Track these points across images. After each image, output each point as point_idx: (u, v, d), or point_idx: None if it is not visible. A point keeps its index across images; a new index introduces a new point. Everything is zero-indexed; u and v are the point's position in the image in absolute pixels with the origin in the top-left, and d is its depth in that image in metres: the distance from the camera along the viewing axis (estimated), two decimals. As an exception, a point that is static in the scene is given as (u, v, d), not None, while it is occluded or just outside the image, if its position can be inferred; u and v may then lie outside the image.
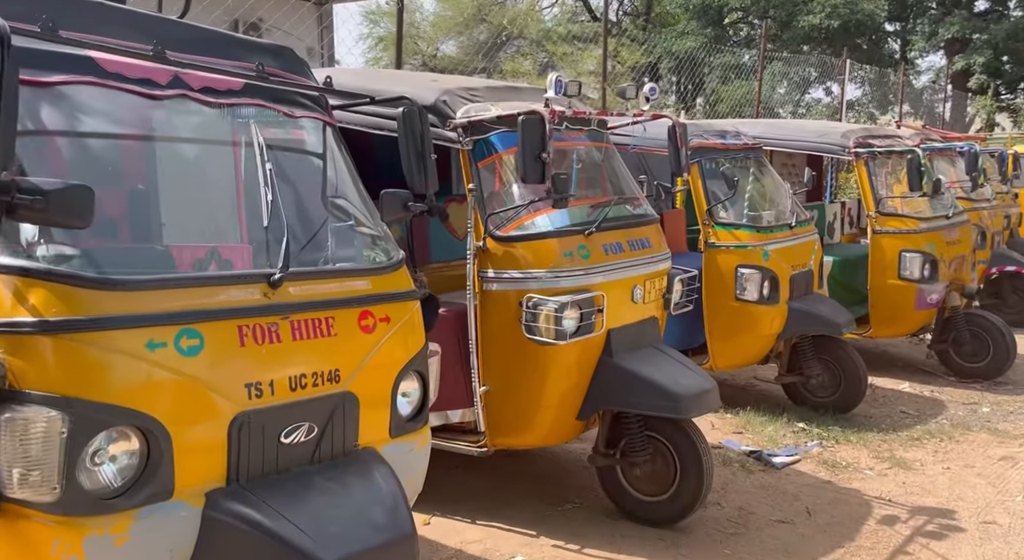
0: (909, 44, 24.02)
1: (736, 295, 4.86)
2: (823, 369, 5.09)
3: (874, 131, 6.33)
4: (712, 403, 3.36)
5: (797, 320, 4.95)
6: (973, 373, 5.93)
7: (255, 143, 2.06)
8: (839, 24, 21.39)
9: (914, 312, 5.83)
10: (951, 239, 6.00)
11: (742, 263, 4.85)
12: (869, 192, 5.91)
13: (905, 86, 22.88)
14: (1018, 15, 22.27)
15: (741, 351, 5.01)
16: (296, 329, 1.88)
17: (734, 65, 20.48)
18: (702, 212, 4.96)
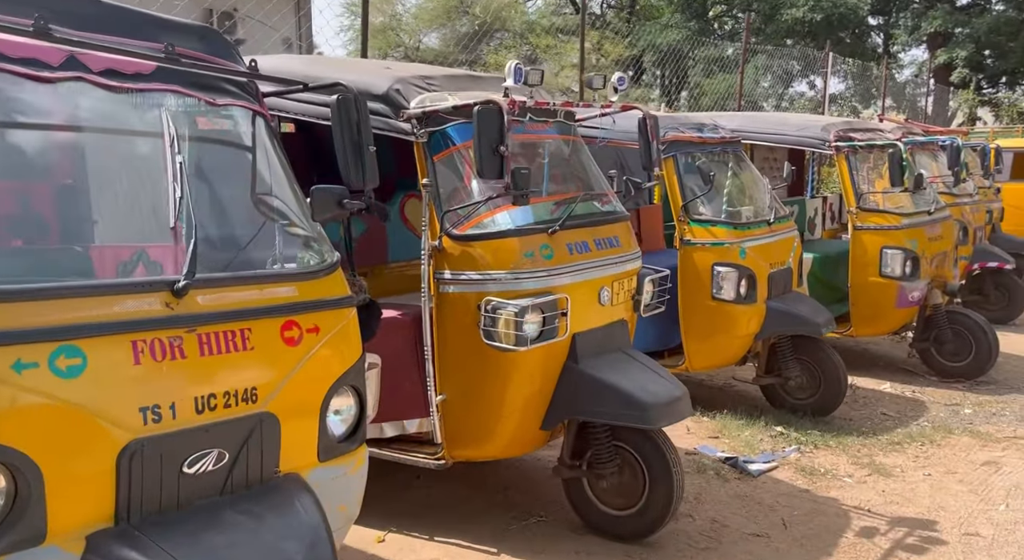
0: (892, 38, 24.02)
1: (712, 294, 4.69)
2: (802, 370, 4.93)
3: (855, 124, 6.17)
4: (682, 411, 3.18)
5: (775, 320, 4.79)
6: (955, 372, 5.81)
7: (166, 133, 1.83)
8: (822, 18, 21.33)
9: (895, 310, 5.70)
10: (933, 235, 5.86)
11: (718, 261, 4.68)
12: (850, 187, 5.75)
13: (888, 80, 22.90)
14: (1000, 9, 22.31)
15: (718, 352, 4.84)
16: (204, 343, 1.67)
17: (717, 58, 20.37)
18: (677, 208, 4.78)
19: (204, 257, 1.77)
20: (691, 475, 3.94)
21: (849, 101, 25.90)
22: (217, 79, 2.06)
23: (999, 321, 7.55)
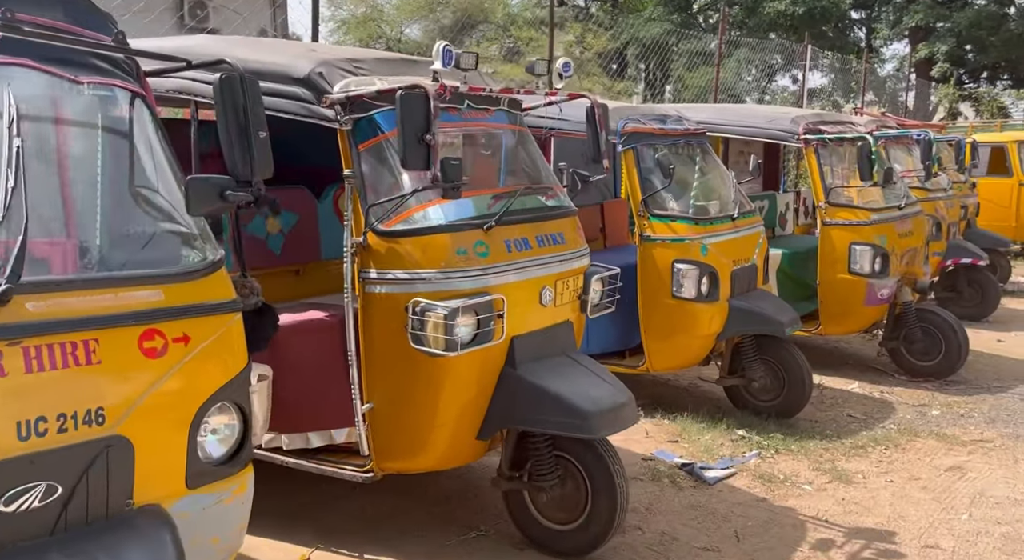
0: (874, 32, 23.96)
1: (672, 292, 4.49)
2: (766, 371, 4.75)
3: (826, 117, 5.99)
4: (627, 419, 2.98)
5: (738, 319, 4.60)
6: (925, 372, 5.66)
7: (4, 112, 1.59)
8: (804, 11, 21.21)
9: (864, 308, 5.53)
10: (903, 231, 5.70)
11: (679, 258, 4.48)
12: (819, 181, 5.57)
13: (869, 74, 22.85)
14: (981, 3, 22.30)
15: (679, 352, 4.66)
16: (33, 358, 1.43)
17: (700, 52, 20.21)
18: (636, 202, 4.58)
19: (50, 258, 1.53)
20: (645, 483, 3.76)
21: (831, 95, 25.86)
22: (86, 54, 1.82)
23: (972, 318, 7.43)
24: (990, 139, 11.52)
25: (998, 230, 11.14)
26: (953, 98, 22.11)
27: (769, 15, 21.86)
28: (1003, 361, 6.09)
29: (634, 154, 4.57)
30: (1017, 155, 10.91)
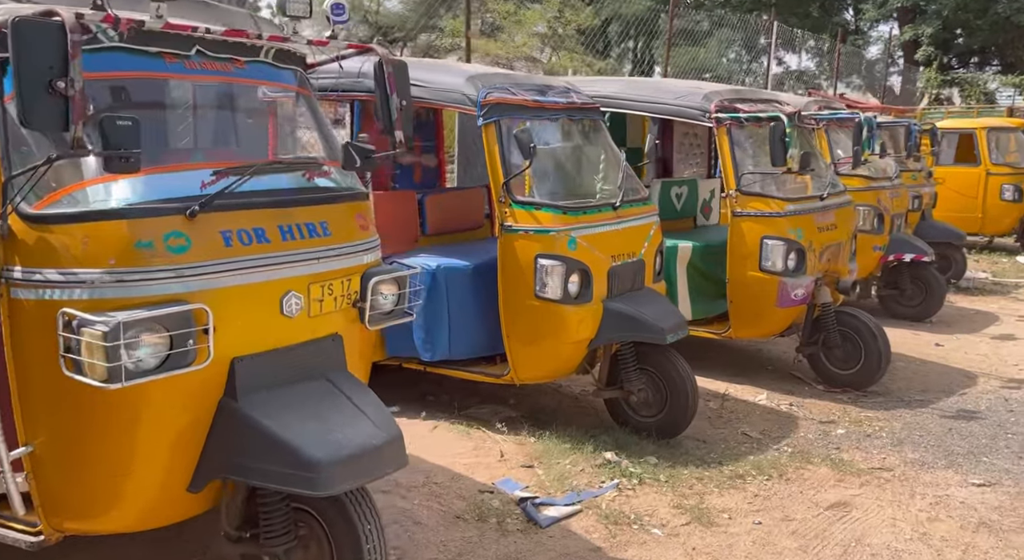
0: (860, 13, 23.10)
1: (535, 291, 3.84)
2: (646, 384, 4.11)
3: (746, 94, 5.28)
4: (381, 466, 2.30)
5: (613, 323, 3.95)
6: (844, 381, 5.02)
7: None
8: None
9: (776, 310, 4.87)
10: (824, 224, 5.03)
11: (543, 252, 3.81)
12: (730, 166, 4.89)
13: (856, 57, 22.02)
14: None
15: (546, 360, 4.00)
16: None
17: (683, 30, 19.39)
18: (497, 186, 3.89)
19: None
20: (467, 525, 3.12)
21: (815, 77, 25.07)
22: None
23: (915, 318, 6.82)
24: (958, 125, 10.82)
25: (964, 221, 10.49)
26: (935, 82, 21.33)
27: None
28: (935, 369, 5.46)
29: (496, 129, 3.88)
30: (986, 143, 10.23)
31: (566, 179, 4.15)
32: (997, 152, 10.26)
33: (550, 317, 3.84)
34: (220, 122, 2.52)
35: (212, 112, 2.51)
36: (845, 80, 24.95)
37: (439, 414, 4.26)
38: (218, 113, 2.50)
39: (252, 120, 2.56)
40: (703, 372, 5.23)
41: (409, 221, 4.44)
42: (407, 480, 3.42)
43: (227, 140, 2.48)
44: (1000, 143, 10.45)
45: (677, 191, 5.84)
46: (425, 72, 4.07)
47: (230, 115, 2.53)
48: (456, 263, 4.07)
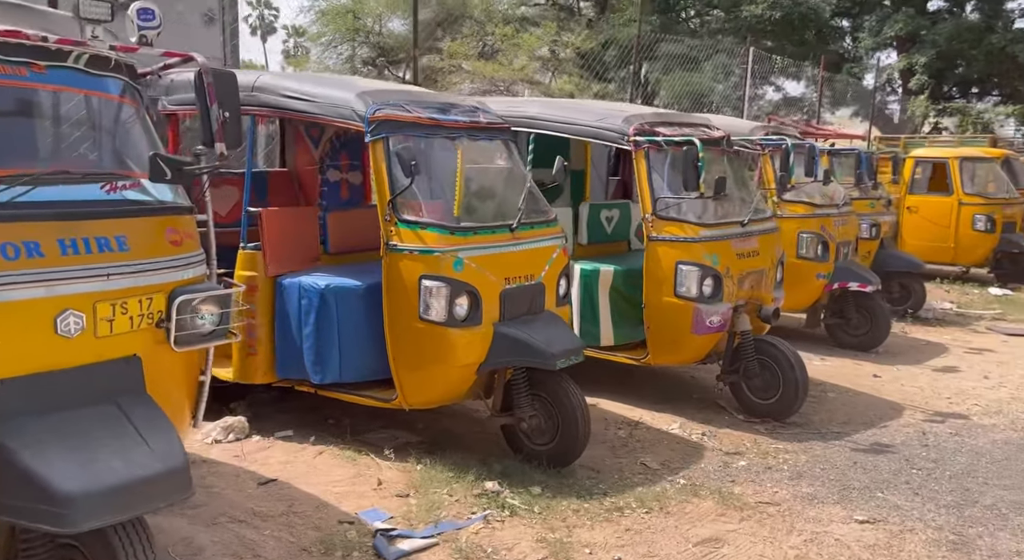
0: (857, 41, 23.04)
1: (420, 313, 3.74)
2: (540, 410, 3.99)
3: (671, 117, 5.19)
4: (150, 500, 2.15)
5: (502, 348, 3.83)
6: (764, 411, 4.86)
7: None
8: (781, 16, 20.36)
9: (692, 337, 4.74)
10: (744, 250, 4.91)
11: (427, 273, 3.72)
12: (647, 190, 4.79)
13: (853, 85, 21.94)
14: (968, 15, 21.34)
15: (433, 385, 3.89)
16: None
17: (678, 55, 19.47)
18: (383, 205, 3.82)
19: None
20: (311, 558, 3.00)
21: (811, 105, 25.01)
22: None
23: (862, 347, 6.64)
24: (931, 155, 10.69)
25: (937, 251, 10.33)
26: (926, 111, 21.20)
27: (747, 20, 21.04)
28: (865, 400, 5.28)
29: (384, 146, 3.81)
30: (958, 172, 10.07)
31: (460, 198, 4.06)
32: (971, 182, 10.10)
33: (435, 340, 3.73)
34: (10, 130, 2.44)
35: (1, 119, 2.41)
36: (842, 108, 24.89)
37: (331, 439, 4.15)
38: (9, 120, 2.42)
39: (50, 128, 2.49)
40: (627, 398, 5.12)
41: (309, 239, 4.36)
42: (267, 509, 3.31)
43: (18, 149, 2.40)
44: (975, 173, 10.30)
45: (608, 214, 5.75)
46: (316, 86, 4.02)
47: (24, 122, 2.45)
48: (347, 283, 3.99)
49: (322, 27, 29.52)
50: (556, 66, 27.66)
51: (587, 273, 5.10)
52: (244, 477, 3.61)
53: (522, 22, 27.14)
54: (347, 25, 29.52)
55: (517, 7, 29.16)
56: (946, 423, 4.78)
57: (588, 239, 5.58)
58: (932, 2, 22.32)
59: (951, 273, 10.71)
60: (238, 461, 3.79)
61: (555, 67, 27.62)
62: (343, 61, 31.11)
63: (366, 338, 3.96)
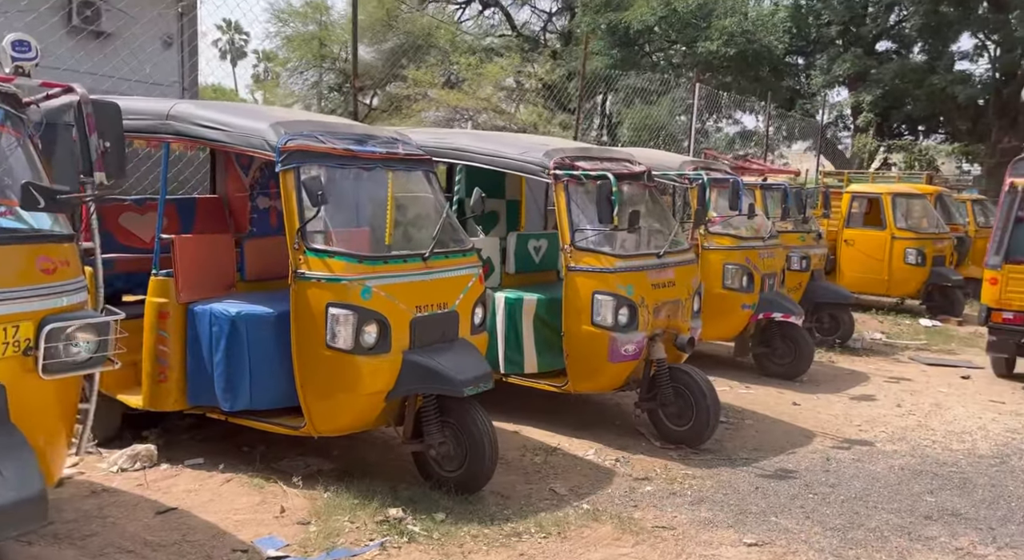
0: (810, 78, 23.88)
1: (327, 341, 3.79)
2: (450, 437, 4.05)
3: (592, 152, 5.37)
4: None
5: (411, 375, 3.90)
6: (678, 437, 4.98)
7: None
8: (736, 52, 21.02)
9: (609, 365, 4.86)
10: (660, 281, 5.06)
11: (334, 301, 3.78)
12: (566, 222, 4.93)
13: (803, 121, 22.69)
14: (910, 55, 22.29)
15: (343, 412, 3.93)
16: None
17: (639, 89, 19.99)
18: (292, 233, 3.89)
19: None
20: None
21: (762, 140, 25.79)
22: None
23: (787, 376, 6.83)
24: (866, 190, 11.11)
25: (873, 283, 10.70)
26: (872, 147, 22.00)
27: (703, 55, 21.68)
28: (780, 428, 5.43)
29: (295, 176, 3.89)
30: (891, 208, 10.48)
31: (371, 228, 4.15)
32: (903, 218, 10.51)
33: (342, 368, 3.79)
34: None
35: None
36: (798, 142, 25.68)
37: (242, 467, 4.15)
38: None
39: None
40: (549, 424, 5.20)
41: (224, 266, 4.40)
42: (159, 538, 3.30)
43: None
44: (907, 209, 10.72)
45: (535, 244, 5.88)
46: (231, 116, 4.10)
47: None
48: (258, 310, 4.03)
49: (289, 53, 29.57)
50: (521, 96, 28.14)
51: (511, 302, 5.21)
52: (143, 506, 3.59)
53: (487, 52, 27.64)
54: (312, 51, 29.67)
55: (483, 38, 29.72)
56: (851, 449, 4.94)
57: (516, 268, 5.71)
58: (880, 43, 23.32)
59: (887, 304, 11.08)
60: (141, 490, 3.77)
61: (520, 97, 28.10)
62: (308, 87, 31.19)
63: (277, 365, 3.99)
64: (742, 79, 22.04)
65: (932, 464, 4.67)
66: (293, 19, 28.54)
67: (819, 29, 22.35)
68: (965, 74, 20.77)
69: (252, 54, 49.79)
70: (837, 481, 4.37)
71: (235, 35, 49.99)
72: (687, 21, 21.59)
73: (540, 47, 27.45)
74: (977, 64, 21.67)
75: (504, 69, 25.69)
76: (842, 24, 21.97)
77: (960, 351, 8.35)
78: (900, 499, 4.13)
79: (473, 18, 30.16)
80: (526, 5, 28.93)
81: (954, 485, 4.33)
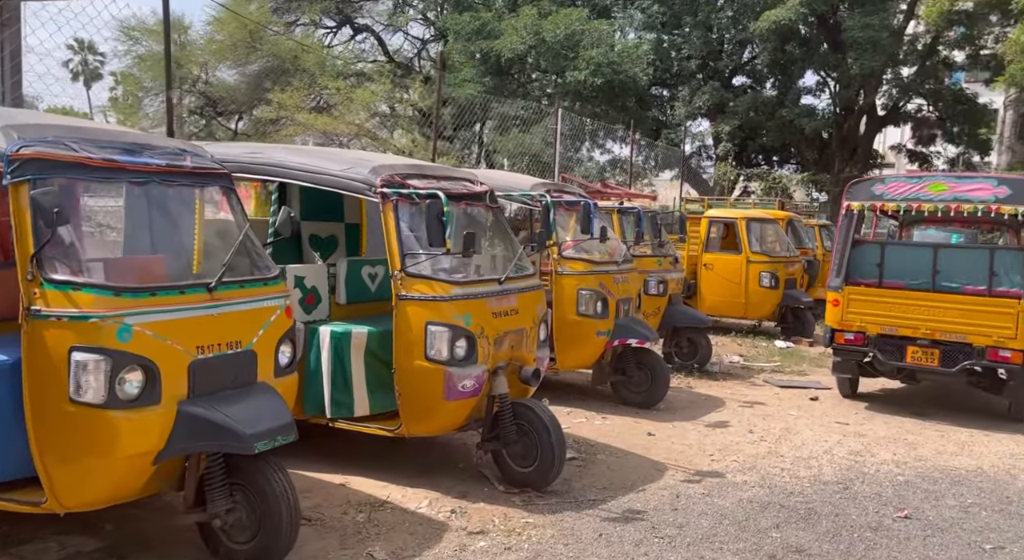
0: (672, 109, 25.00)
1: (70, 394, 3.06)
2: (242, 501, 3.40)
3: (426, 170, 4.93)
4: None
5: (187, 430, 3.21)
6: (523, 480, 4.53)
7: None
8: (602, 82, 21.59)
9: (445, 403, 4.38)
10: (501, 309, 4.66)
11: (79, 344, 3.06)
12: (395, 246, 4.43)
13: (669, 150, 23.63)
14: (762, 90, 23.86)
15: (93, 481, 3.16)
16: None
17: (511, 116, 19.98)
18: (24, 261, 3.13)
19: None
20: None
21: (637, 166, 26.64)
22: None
23: (644, 404, 6.63)
24: (723, 215, 11.43)
25: (731, 306, 10.93)
26: (731, 175, 23.24)
27: (572, 85, 22.11)
28: (632, 462, 5.14)
29: (30, 190, 3.16)
30: (745, 232, 10.80)
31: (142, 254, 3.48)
32: (757, 242, 10.85)
33: (91, 426, 3.06)
34: None
35: None
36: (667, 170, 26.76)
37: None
38: None
39: None
40: (384, 472, 4.64)
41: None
42: None
43: None
44: (761, 233, 11.09)
45: (371, 271, 5.34)
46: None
47: None
48: (-15, 357, 3.22)
49: (141, 73, 27.57)
50: (395, 122, 27.62)
51: (337, 336, 4.63)
52: None
53: (359, 77, 26.98)
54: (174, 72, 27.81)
55: (355, 63, 29.04)
56: (702, 482, 4.71)
57: (348, 298, 5.13)
58: (737, 77, 24.86)
59: (745, 327, 11.38)
60: None
61: (394, 123, 27.58)
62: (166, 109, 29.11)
63: (13, 426, 3.20)
64: (610, 109, 22.70)
65: (780, 494, 4.51)
66: (145, 37, 26.76)
67: (680, 62, 23.49)
68: (810, 108, 22.44)
69: (110, 76, 46.27)
70: (685, 520, 4.09)
71: (88, 55, 46.53)
72: (556, 51, 22.00)
73: (413, 73, 27.21)
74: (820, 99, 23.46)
75: (376, 94, 25.17)
76: (701, 58, 23.20)
77: (811, 372, 8.56)
78: (746, 537, 3.89)
79: (344, 43, 29.48)
80: (399, 32, 28.65)
81: (800, 517, 4.17)
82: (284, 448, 3.19)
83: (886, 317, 6.68)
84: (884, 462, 5.28)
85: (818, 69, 22.22)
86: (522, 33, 21.07)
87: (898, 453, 5.52)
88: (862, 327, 6.75)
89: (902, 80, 21.41)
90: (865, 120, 22.76)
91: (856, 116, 22.42)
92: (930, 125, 23.63)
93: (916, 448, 5.68)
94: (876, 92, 21.50)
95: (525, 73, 24.48)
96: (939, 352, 6.47)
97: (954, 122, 22.59)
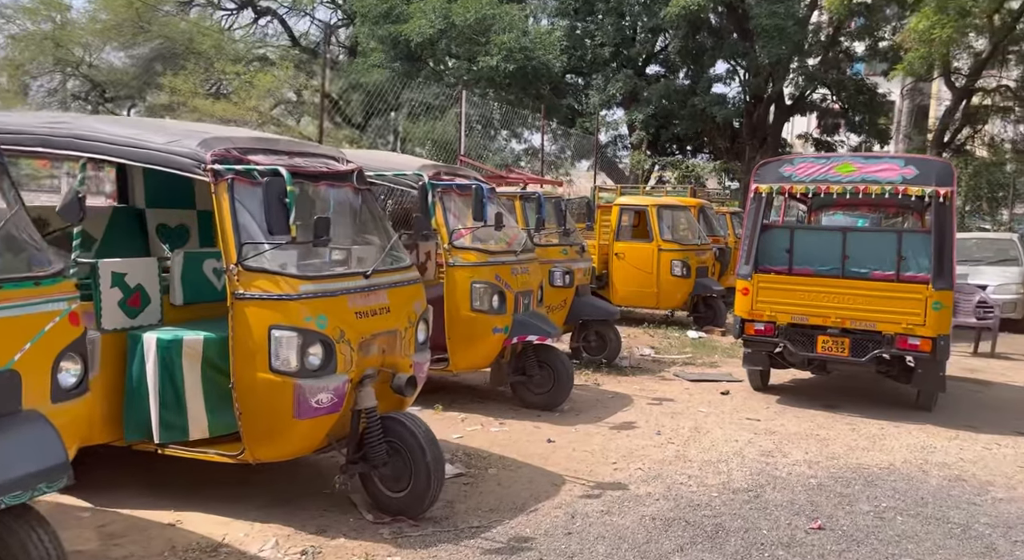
0: (587, 97, 24.75)
1: None
2: None
3: (279, 144, 4.16)
4: None
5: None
6: (396, 507, 3.89)
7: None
8: (515, 69, 21.03)
9: (296, 422, 3.68)
10: (367, 308, 3.98)
11: None
12: (230, 233, 3.69)
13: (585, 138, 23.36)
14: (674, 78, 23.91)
15: None
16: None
17: (421, 102, 19.12)
18: None
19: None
20: None
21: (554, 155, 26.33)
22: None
23: (546, 406, 6.10)
24: (633, 202, 11.08)
25: (644, 296, 10.59)
26: (645, 164, 23.22)
27: (484, 70, 21.44)
28: (527, 475, 4.57)
29: None
30: (656, 220, 10.47)
31: None
32: (668, 230, 10.54)
33: None
34: None
35: None
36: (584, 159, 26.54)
37: None
38: None
39: None
40: (232, 504, 3.90)
41: None
42: None
43: None
44: (672, 221, 10.80)
45: (215, 265, 4.54)
46: None
47: None
48: None
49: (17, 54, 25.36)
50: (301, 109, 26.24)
51: (165, 345, 3.84)
52: None
53: (262, 62, 25.44)
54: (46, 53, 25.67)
55: (258, 47, 27.41)
56: (601, 497, 4.20)
57: (185, 299, 4.32)
58: (650, 66, 24.82)
59: (658, 317, 11.09)
60: None
61: (301, 110, 26.19)
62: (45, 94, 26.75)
63: None
64: (525, 96, 22.20)
65: (686, 508, 4.04)
66: (19, 15, 24.49)
67: (594, 50, 23.21)
68: (721, 96, 22.60)
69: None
70: (579, 547, 3.55)
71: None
72: (467, 36, 21.30)
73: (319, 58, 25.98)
74: (730, 87, 23.68)
75: (279, 79, 23.81)
76: (614, 46, 22.99)
77: (723, 363, 8.27)
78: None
79: (245, 27, 27.78)
80: (306, 16, 27.23)
81: (706, 536, 3.70)
82: (103, 480, 2.46)
83: (796, 306, 6.39)
84: (796, 462, 4.93)
85: (728, 57, 22.39)
86: (431, 16, 20.27)
87: (810, 451, 5.19)
88: (772, 317, 6.44)
89: (808, 69, 21.84)
90: (774, 109, 23.14)
91: (765, 105, 22.76)
92: (834, 115, 24.29)
93: (828, 445, 5.38)
94: (783, 81, 21.84)
95: (437, 59, 23.67)
96: (849, 341, 6.22)
97: (856, 112, 23.28)
